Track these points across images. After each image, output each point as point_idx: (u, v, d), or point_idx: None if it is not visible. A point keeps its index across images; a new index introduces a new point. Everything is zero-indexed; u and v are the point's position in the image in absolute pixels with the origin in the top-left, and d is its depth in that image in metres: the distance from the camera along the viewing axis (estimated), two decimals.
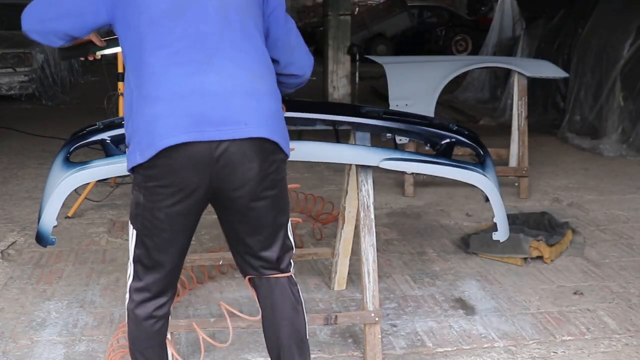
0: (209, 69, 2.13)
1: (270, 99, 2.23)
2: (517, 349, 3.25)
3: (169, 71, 2.12)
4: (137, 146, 2.14)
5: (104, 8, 2.19)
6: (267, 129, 2.18)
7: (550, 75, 5.97)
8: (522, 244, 4.19)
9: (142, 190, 2.20)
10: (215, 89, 2.12)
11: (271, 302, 2.39)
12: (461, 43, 19.25)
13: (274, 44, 2.39)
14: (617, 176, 6.36)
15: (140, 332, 2.37)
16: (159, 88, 2.12)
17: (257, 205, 2.26)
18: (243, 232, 2.32)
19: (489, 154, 3.16)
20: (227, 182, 2.18)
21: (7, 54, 10.57)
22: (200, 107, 2.11)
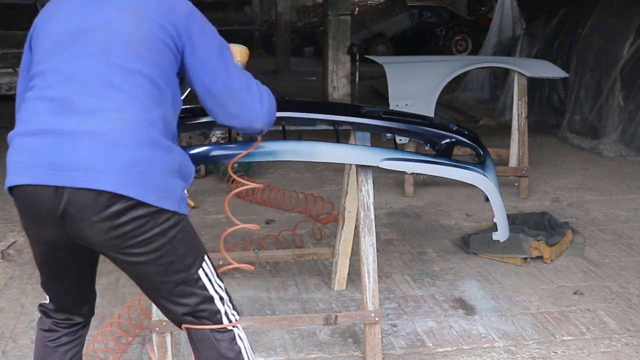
0: (70, 107, 1.95)
1: (133, 146, 1.92)
2: (517, 349, 3.25)
3: (35, 104, 2.02)
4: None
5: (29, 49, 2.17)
6: (115, 180, 1.89)
7: (550, 75, 5.97)
8: (522, 244, 4.19)
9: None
10: (67, 129, 1.92)
11: (199, 355, 2.19)
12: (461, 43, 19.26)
13: (201, 93, 2.16)
14: (617, 176, 6.36)
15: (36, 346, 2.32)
16: (21, 120, 2.04)
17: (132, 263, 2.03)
18: (137, 282, 2.14)
19: (489, 154, 3.16)
20: (79, 235, 1.97)
21: (7, 54, 10.57)
22: (46, 149, 1.93)
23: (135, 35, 2.03)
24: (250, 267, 2.59)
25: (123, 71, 1.99)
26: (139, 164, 1.93)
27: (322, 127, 3.14)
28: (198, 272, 2.10)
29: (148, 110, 1.98)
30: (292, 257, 3.80)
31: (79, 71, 2.00)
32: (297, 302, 3.72)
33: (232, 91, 2.16)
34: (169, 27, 2.05)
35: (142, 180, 1.93)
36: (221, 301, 2.16)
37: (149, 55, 2.02)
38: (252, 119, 2.22)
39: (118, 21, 2.04)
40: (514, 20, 11.07)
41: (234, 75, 2.16)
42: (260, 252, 3.73)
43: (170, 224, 1.99)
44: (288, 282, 3.95)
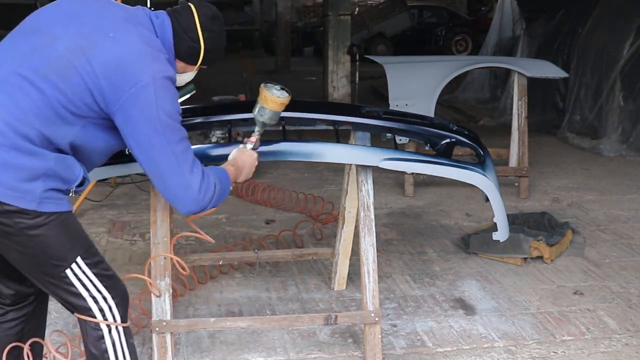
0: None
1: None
2: (517, 349, 3.25)
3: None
4: None
5: None
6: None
7: (550, 75, 5.97)
8: (522, 244, 4.19)
9: None
10: None
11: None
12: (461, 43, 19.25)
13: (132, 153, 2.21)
14: (617, 176, 6.36)
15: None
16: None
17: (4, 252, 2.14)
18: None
19: (489, 154, 3.16)
20: None
21: None
22: None
23: (61, 61, 2.07)
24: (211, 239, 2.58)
25: (22, 79, 2.05)
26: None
27: (322, 127, 3.14)
28: (65, 271, 2.16)
29: (22, 119, 2.02)
30: (292, 257, 3.80)
31: (0, 62, 2.09)
32: (297, 302, 3.72)
33: (157, 171, 2.19)
34: (105, 83, 2.07)
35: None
36: (93, 299, 2.21)
37: (59, 83, 2.06)
38: (173, 201, 2.25)
39: (63, 40, 2.09)
40: (514, 20, 11.06)
41: (166, 159, 2.16)
42: (260, 252, 3.73)
43: (29, 223, 2.05)
44: (288, 282, 3.95)
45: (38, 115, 2.04)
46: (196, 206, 2.24)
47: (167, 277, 2.90)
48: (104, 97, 2.09)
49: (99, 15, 2.17)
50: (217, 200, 2.28)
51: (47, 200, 2.07)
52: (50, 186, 2.07)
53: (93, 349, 2.25)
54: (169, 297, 2.90)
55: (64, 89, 2.06)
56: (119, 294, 2.26)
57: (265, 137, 2.78)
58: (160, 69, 2.14)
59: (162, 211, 2.91)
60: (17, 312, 2.36)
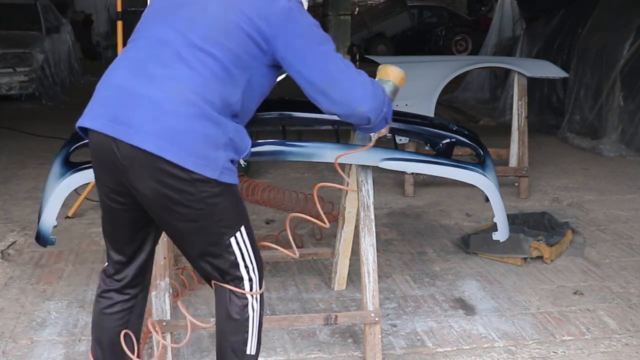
0: (141, 70, 2.17)
1: (181, 116, 2.11)
2: (517, 349, 3.25)
3: (119, 61, 2.26)
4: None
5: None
6: (157, 143, 2.09)
7: (550, 75, 5.97)
8: (522, 244, 4.19)
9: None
10: (132, 88, 2.15)
11: (216, 310, 2.40)
12: (461, 43, 19.25)
13: (301, 83, 2.32)
14: (617, 176, 6.36)
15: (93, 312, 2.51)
16: (107, 72, 2.27)
17: (170, 221, 2.24)
18: (172, 237, 2.36)
19: (489, 154, 3.16)
20: (133, 186, 2.18)
21: (7, 54, 10.56)
22: (113, 101, 2.17)
23: (220, 21, 2.19)
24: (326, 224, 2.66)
25: (195, 49, 2.16)
26: (182, 132, 2.10)
27: (322, 127, 3.14)
28: (230, 239, 2.26)
29: (207, 87, 2.14)
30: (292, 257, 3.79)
31: (160, 40, 2.20)
32: (297, 302, 3.72)
33: (332, 79, 2.31)
34: (260, 22, 2.19)
35: (182, 147, 2.09)
36: (246, 269, 2.31)
37: (226, 42, 2.17)
38: (355, 104, 2.35)
39: (211, 2, 2.22)
40: (514, 20, 11.06)
41: (332, 64, 2.31)
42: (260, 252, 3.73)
43: (210, 192, 2.16)
44: (288, 282, 3.95)
45: (217, 80, 2.16)
46: (377, 101, 2.38)
47: (167, 277, 2.91)
48: (263, 36, 2.21)
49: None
50: (389, 101, 2.47)
51: (227, 171, 2.18)
52: (229, 156, 2.19)
53: (236, 315, 2.33)
54: (168, 297, 2.91)
55: (231, 47, 2.18)
56: (261, 267, 2.38)
57: (266, 137, 2.78)
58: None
59: None
60: (124, 304, 2.46)
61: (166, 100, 2.11)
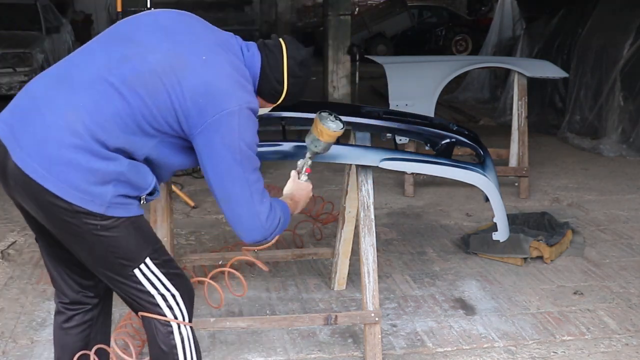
0: (53, 88, 2.07)
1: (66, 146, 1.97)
2: (517, 349, 3.25)
3: (50, 69, 2.20)
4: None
5: None
6: (36, 168, 1.97)
7: (550, 75, 5.97)
8: (522, 244, 4.19)
9: None
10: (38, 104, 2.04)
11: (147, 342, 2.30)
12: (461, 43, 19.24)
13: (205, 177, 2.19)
14: (617, 176, 6.36)
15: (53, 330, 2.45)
16: (34, 79, 2.19)
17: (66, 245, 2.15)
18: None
19: (489, 154, 3.16)
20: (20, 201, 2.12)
21: (7, 54, 10.55)
22: (19, 110, 2.07)
23: (151, 75, 2.04)
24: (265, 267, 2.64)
25: (109, 86, 2.03)
26: (61, 163, 1.98)
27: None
28: (133, 270, 2.14)
29: (103, 127, 2.00)
30: (292, 257, 3.80)
31: (87, 64, 2.09)
32: (297, 302, 3.72)
33: (229, 199, 2.18)
34: (191, 105, 2.06)
35: (60, 178, 1.97)
36: (162, 297, 2.19)
37: (145, 97, 2.04)
38: (236, 227, 2.23)
39: (157, 54, 2.08)
40: (514, 20, 11.06)
41: (239, 188, 2.16)
42: (260, 252, 3.73)
43: (97, 224, 2.03)
44: (288, 282, 3.95)
45: (119, 123, 2.02)
46: (261, 236, 2.25)
47: None
48: (187, 119, 2.07)
49: (194, 37, 2.16)
50: (279, 231, 2.31)
51: (116, 205, 2.04)
52: (120, 192, 2.05)
53: (162, 345, 2.22)
54: None
55: (150, 104, 2.04)
56: (186, 292, 2.25)
57: (266, 137, 2.78)
58: (247, 99, 2.14)
59: (162, 211, 2.91)
60: (82, 317, 2.37)
61: (55, 127, 1.99)
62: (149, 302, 2.19)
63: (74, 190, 1.98)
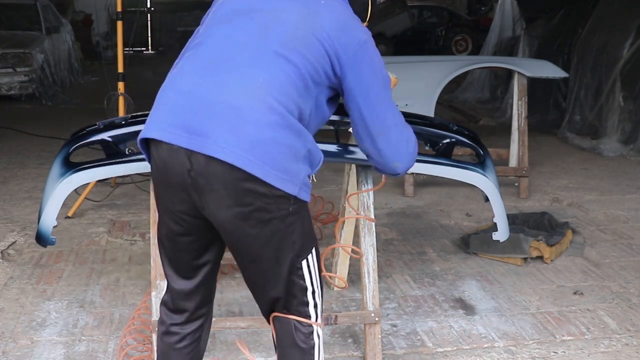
0: (212, 75, 2.02)
1: (263, 125, 1.95)
2: (517, 349, 3.25)
3: (185, 65, 2.12)
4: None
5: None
6: (240, 156, 1.92)
7: (550, 75, 5.97)
8: (522, 244, 4.19)
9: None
10: (205, 95, 1.99)
11: (277, 341, 2.26)
12: (461, 43, 19.24)
13: (355, 117, 2.22)
14: (617, 176, 6.36)
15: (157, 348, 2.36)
16: (170, 77, 2.12)
17: (244, 242, 2.07)
18: (241, 263, 2.17)
19: (489, 154, 3.15)
20: (204, 205, 2.01)
21: (7, 54, 10.57)
22: (182, 109, 2.00)
23: (299, 30, 2.07)
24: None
25: (274, 55, 2.03)
26: (264, 142, 1.95)
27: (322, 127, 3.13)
28: (302, 262, 2.12)
29: (286, 94, 2.00)
30: None
31: (232, 43, 2.06)
32: None
33: (384, 126, 2.22)
34: (339, 46, 2.09)
35: (265, 160, 1.94)
36: (313, 295, 2.17)
37: (305, 52, 2.05)
38: (393, 158, 2.29)
39: (289, 11, 2.10)
40: (514, 20, 11.06)
41: (390, 112, 2.24)
42: None
43: (290, 210, 2.03)
44: None
45: (295, 88, 2.03)
46: (411, 162, 2.32)
47: None
48: (339, 59, 2.11)
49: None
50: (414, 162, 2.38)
51: (305, 187, 2.04)
52: (307, 171, 2.06)
53: (302, 344, 2.17)
54: None
55: (310, 58, 2.06)
56: (323, 292, 2.25)
57: None
58: (366, 28, 2.21)
59: None
60: (194, 335, 2.31)
61: (246, 107, 1.95)
62: (301, 300, 2.15)
63: (276, 170, 1.96)
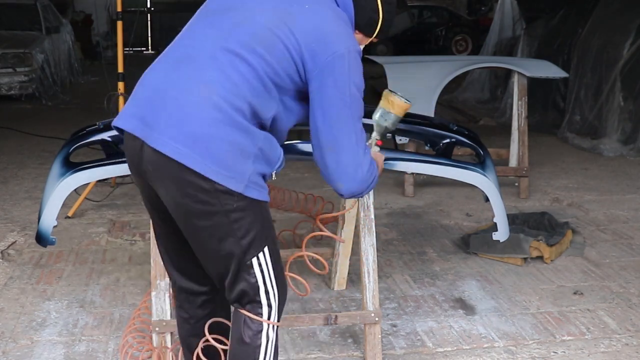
0: (174, 70, 2.11)
1: (205, 122, 2.01)
2: (517, 349, 3.25)
3: (160, 59, 2.21)
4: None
5: None
6: (177, 148, 1.99)
7: (550, 75, 5.97)
8: (522, 244, 4.19)
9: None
10: (164, 89, 2.08)
11: (230, 331, 2.30)
12: (461, 43, 19.23)
13: (311, 124, 2.21)
14: (617, 176, 6.36)
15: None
16: (144, 73, 2.21)
17: (191, 232, 2.14)
18: (195, 251, 2.23)
19: (489, 154, 3.15)
20: (156, 189, 2.12)
21: (7, 54, 10.56)
22: (144, 102, 2.11)
23: (265, 32, 2.10)
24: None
25: (231, 54, 2.07)
26: (205, 138, 2.00)
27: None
28: (252, 259, 2.14)
29: (237, 93, 2.04)
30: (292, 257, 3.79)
31: (200, 41, 2.14)
32: (297, 302, 3.71)
33: (336, 144, 2.20)
34: (306, 53, 2.12)
35: (204, 155, 1.99)
36: (266, 295, 2.19)
37: (265, 54, 2.09)
38: (338, 177, 2.26)
39: (264, 13, 2.14)
40: (514, 20, 11.05)
41: (347, 133, 2.20)
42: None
43: (234, 206, 2.05)
44: None
45: (249, 88, 2.07)
46: (359, 188, 2.30)
47: (167, 277, 2.90)
48: (304, 66, 2.13)
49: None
50: (371, 188, 2.37)
51: (253, 186, 2.07)
52: (258, 170, 2.08)
53: (248, 339, 2.20)
54: (169, 297, 2.90)
55: (270, 60, 2.09)
56: (283, 293, 2.26)
57: None
58: (353, 42, 2.21)
59: None
60: (201, 311, 2.41)
61: (191, 104, 2.02)
62: (252, 298, 2.18)
63: (217, 166, 2.00)
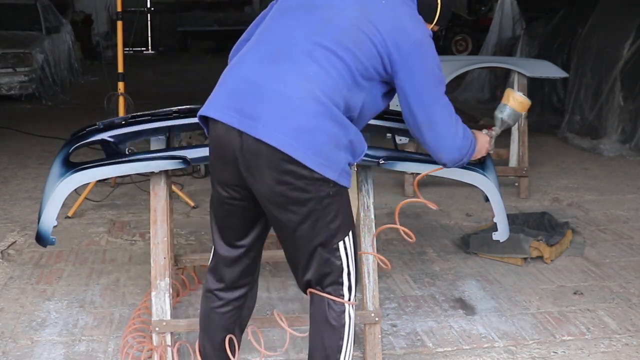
0: (270, 64, 2.21)
1: (309, 115, 2.15)
2: (517, 349, 3.25)
3: (247, 52, 2.32)
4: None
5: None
6: (285, 140, 2.13)
7: (550, 75, 5.97)
8: (522, 244, 4.19)
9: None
10: (262, 83, 2.18)
11: (310, 316, 2.42)
12: (461, 43, 19.22)
13: (404, 109, 2.37)
14: (617, 176, 6.36)
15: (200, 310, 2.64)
16: (234, 63, 2.33)
17: (283, 219, 2.26)
18: (281, 237, 2.36)
19: (488, 154, 3.15)
20: (251, 182, 2.22)
21: (7, 54, 10.56)
22: (240, 95, 2.20)
23: (353, 29, 2.22)
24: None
25: (326, 50, 2.20)
26: (308, 130, 2.14)
27: None
28: (339, 243, 2.30)
29: (334, 88, 2.19)
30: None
31: (290, 36, 2.25)
32: (297, 302, 3.71)
33: (430, 122, 2.36)
34: (391, 46, 2.24)
35: (308, 146, 2.14)
36: (348, 276, 2.34)
37: (356, 50, 2.21)
38: (438, 150, 2.42)
39: (347, 9, 2.26)
40: (514, 20, 11.05)
41: (438, 109, 2.36)
42: None
43: (327, 192, 2.21)
44: (288, 282, 3.95)
45: (344, 83, 2.21)
46: (459, 154, 2.44)
47: (167, 277, 2.90)
48: (390, 59, 2.26)
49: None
50: (469, 155, 2.50)
51: (344, 174, 2.23)
52: (349, 159, 2.24)
53: (334, 321, 2.33)
54: (169, 297, 2.91)
55: (360, 56, 2.22)
56: (358, 275, 2.42)
57: None
58: (426, 28, 2.35)
59: (162, 211, 2.91)
60: (236, 302, 2.53)
61: (296, 97, 2.15)
62: (336, 280, 2.32)
63: (317, 156, 2.14)
